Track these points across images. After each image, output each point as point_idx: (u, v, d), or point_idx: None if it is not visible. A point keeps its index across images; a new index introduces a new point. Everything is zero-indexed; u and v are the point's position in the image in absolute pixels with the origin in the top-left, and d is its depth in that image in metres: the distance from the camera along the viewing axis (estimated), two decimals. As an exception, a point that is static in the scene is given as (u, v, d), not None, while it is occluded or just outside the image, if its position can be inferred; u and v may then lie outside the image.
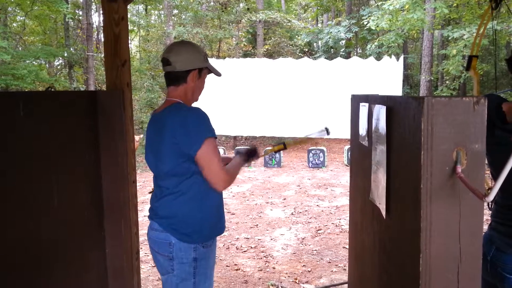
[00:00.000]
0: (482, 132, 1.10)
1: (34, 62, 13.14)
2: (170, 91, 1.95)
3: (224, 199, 2.15)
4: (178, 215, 1.87)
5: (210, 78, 2.09)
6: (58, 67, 18.02)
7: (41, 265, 1.82)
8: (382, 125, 1.46)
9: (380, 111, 1.48)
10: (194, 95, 1.97)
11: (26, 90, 11.28)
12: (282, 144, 2.33)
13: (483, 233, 1.25)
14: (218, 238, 2.31)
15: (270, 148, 2.40)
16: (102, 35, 13.37)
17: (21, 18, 15.12)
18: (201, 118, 1.82)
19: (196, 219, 1.86)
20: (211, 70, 2.01)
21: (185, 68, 1.89)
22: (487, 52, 13.17)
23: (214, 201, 1.92)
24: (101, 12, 14.46)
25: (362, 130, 1.86)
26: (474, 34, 2.22)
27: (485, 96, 1.14)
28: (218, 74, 2.05)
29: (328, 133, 2.43)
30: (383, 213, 1.47)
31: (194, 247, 1.86)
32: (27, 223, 1.73)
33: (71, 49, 15.29)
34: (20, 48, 14.27)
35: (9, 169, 1.63)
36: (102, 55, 13.64)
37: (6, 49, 10.93)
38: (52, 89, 2.30)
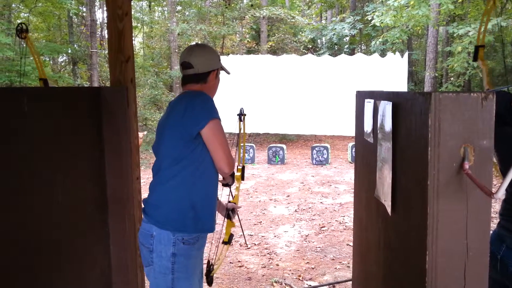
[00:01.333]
0: (490, 128, 1.09)
1: (38, 59, 13.13)
2: (187, 87, 2.02)
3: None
4: (164, 200, 1.90)
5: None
6: (62, 64, 18.06)
7: (44, 261, 1.82)
8: (388, 122, 1.44)
9: (386, 107, 1.47)
10: (210, 93, 2.03)
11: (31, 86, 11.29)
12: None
13: (491, 231, 1.23)
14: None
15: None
16: (106, 32, 13.33)
17: (25, 15, 15.14)
18: (208, 99, 1.90)
19: (179, 205, 1.88)
20: (223, 69, 2.11)
21: (206, 69, 2.00)
22: (492, 49, 13.06)
23: (202, 192, 1.93)
24: (104, 8, 14.46)
25: (367, 126, 1.84)
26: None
27: (493, 91, 1.12)
28: (228, 72, 2.15)
29: None
30: (389, 210, 1.46)
31: (173, 242, 1.86)
32: (31, 219, 1.73)
33: (75, 45, 15.31)
34: (24, 45, 14.27)
35: (13, 165, 1.63)
36: (106, 52, 13.64)
37: (10, 45, 10.95)
38: (24, 26, 2.27)
